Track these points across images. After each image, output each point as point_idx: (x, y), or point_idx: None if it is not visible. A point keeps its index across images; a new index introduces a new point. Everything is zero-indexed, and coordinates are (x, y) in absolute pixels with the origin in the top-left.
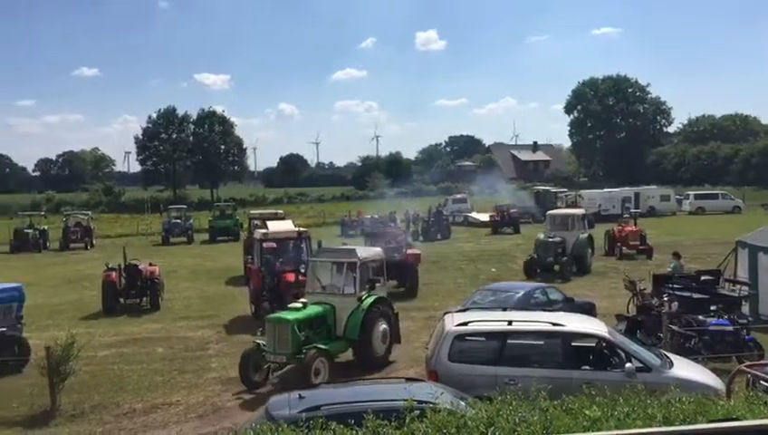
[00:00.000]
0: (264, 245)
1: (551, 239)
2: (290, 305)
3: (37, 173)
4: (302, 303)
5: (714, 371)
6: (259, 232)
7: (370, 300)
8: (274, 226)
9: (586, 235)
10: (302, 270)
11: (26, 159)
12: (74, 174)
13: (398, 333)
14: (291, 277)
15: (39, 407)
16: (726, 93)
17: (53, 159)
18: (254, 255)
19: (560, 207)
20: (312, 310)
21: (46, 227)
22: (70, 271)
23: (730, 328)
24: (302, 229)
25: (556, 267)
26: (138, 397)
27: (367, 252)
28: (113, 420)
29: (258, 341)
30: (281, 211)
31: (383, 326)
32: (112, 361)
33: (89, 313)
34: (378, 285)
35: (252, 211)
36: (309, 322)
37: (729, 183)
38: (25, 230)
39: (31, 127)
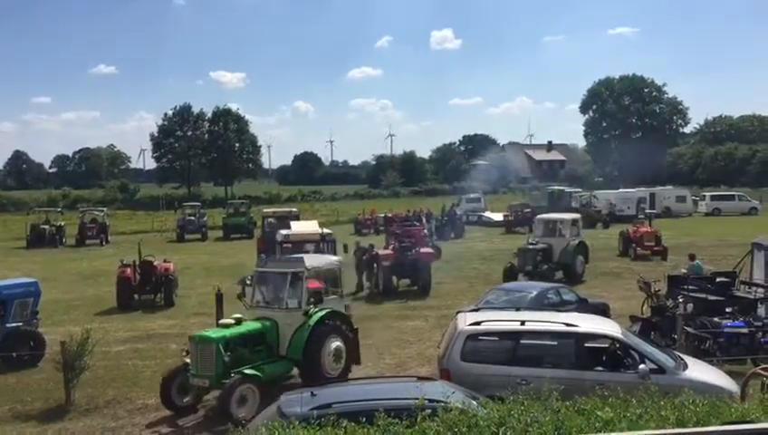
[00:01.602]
0: (284, 247)
1: (531, 246)
2: (221, 322)
3: (54, 169)
4: (236, 318)
5: (728, 373)
6: (281, 233)
7: (320, 315)
8: (298, 226)
9: (576, 241)
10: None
11: (43, 155)
12: (90, 171)
13: (357, 352)
14: (312, 285)
15: (54, 401)
16: (744, 94)
17: (70, 155)
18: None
19: (574, 207)
20: (248, 327)
21: (62, 223)
22: (85, 267)
23: (745, 330)
24: (326, 231)
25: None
26: (151, 392)
27: (318, 260)
28: (127, 416)
29: (187, 359)
30: (295, 209)
31: (335, 344)
32: (126, 356)
33: (104, 308)
34: (332, 297)
35: (265, 209)
36: (242, 340)
37: (746, 184)
38: (42, 226)
39: (48, 124)
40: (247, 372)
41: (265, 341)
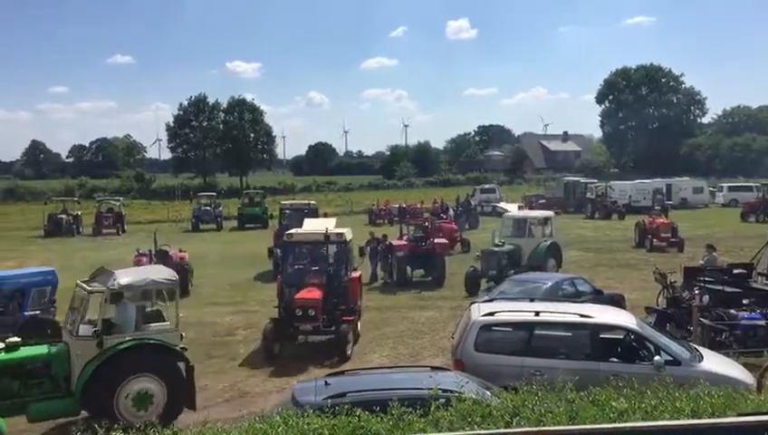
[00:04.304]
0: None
1: (496, 249)
2: None
3: (71, 159)
4: (10, 343)
5: (745, 365)
6: (291, 232)
7: (124, 346)
8: (310, 225)
9: (548, 242)
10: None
11: (60, 144)
12: (107, 160)
13: (191, 396)
14: (308, 294)
15: None
16: (763, 84)
17: (86, 145)
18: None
19: (589, 198)
20: (21, 354)
21: (79, 213)
22: (102, 256)
23: (762, 322)
24: (334, 232)
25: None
26: None
27: (134, 277)
28: None
29: None
30: (313, 202)
31: (142, 386)
32: None
33: None
34: (163, 325)
35: (283, 202)
36: (9, 370)
37: (764, 175)
38: (59, 215)
39: (64, 113)
40: None
41: (49, 372)
